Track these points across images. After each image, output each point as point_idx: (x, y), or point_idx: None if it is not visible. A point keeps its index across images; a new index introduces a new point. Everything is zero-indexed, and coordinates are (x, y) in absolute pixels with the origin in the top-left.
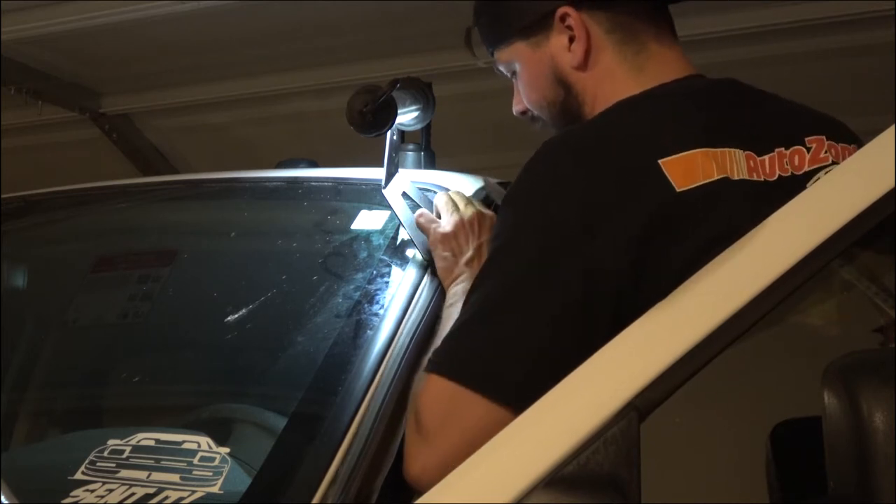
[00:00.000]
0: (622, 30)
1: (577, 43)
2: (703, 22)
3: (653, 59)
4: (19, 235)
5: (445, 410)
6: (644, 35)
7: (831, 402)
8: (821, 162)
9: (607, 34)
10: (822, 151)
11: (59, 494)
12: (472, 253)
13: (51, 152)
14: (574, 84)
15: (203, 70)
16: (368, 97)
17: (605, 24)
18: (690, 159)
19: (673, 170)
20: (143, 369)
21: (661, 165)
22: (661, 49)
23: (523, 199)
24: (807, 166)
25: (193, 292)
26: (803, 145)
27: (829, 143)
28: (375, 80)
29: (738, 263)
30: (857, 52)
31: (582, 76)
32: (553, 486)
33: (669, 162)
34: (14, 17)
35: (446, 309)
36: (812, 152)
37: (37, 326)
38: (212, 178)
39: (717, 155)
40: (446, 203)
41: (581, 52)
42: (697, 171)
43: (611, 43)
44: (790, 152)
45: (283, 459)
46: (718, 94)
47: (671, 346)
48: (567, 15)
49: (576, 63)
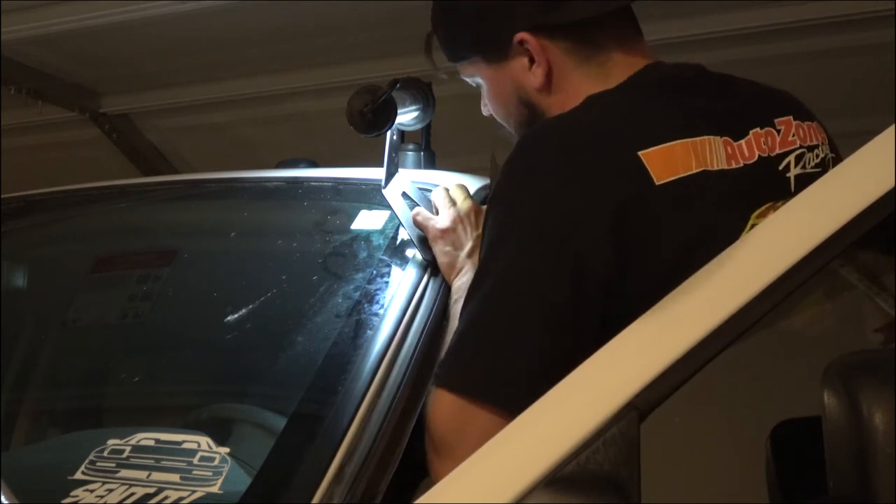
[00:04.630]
0: (584, 45)
1: (538, 67)
2: (703, 22)
3: (618, 65)
4: (19, 235)
5: (457, 425)
6: (607, 43)
7: (831, 402)
8: (789, 145)
9: (568, 53)
10: (790, 134)
11: (59, 494)
12: (473, 244)
13: (51, 152)
14: (538, 105)
15: (203, 70)
16: (368, 97)
17: (565, 43)
18: (670, 151)
19: (653, 162)
20: (143, 369)
21: (641, 158)
22: (626, 54)
23: (506, 198)
24: (778, 148)
25: (193, 292)
26: (773, 127)
27: (795, 122)
28: (375, 80)
29: (738, 263)
30: (857, 52)
31: (546, 99)
32: (553, 486)
33: (650, 154)
34: (14, 17)
35: (453, 306)
36: (782, 134)
37: (37, 326)
38: (212, 178)
39: (696, 145)
40: (443, 198)
41: (542, 75)
42: (677, 163)
43: (573, 61)
44: (764, 132)
45: (283, 459)
46: (688, 81)
47: (671, 346)
48: (525, 41)
49: (538, 85)
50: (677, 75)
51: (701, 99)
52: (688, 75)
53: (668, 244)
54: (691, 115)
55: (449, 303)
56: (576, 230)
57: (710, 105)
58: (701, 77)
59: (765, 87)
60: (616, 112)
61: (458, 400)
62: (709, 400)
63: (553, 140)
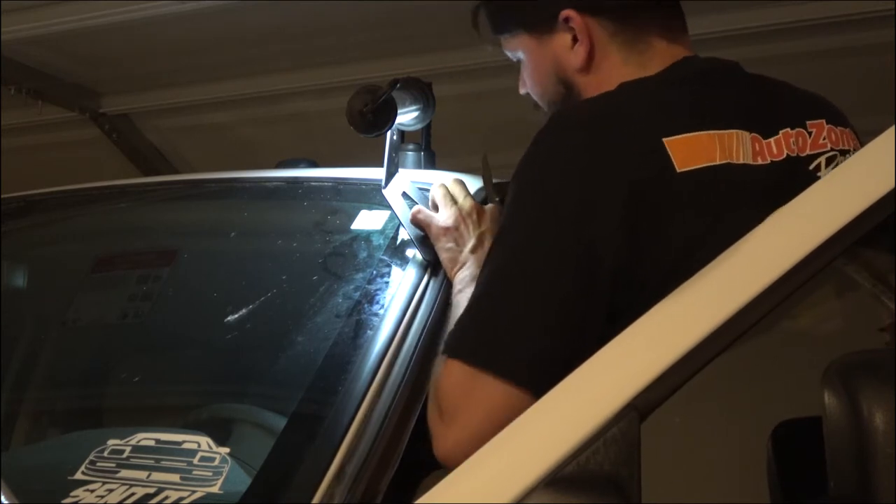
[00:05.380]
0: (627, 30)
1: (580, 46)
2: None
3: (658, 55)
4: (19, 235)
5: (464, 393)
6: (650, 32)
7: (831, 402)
8: (820, 147)
9: (612, 36)
10: (821, 136)
11: (59, 494)
12: (475, 242)
13: (51, 152)
14: (576, 85)
15: (203, 70)
16: (368, 97)
17: (610, 26)
18: (695, 141)
19: (676, 150)
20: (143, 369)
21: (665, 144)
22: (667, 43)
23: (529, 174)
24: (808, 150)
25: (193, 292)
26: (805, 128)
27: (828, 126)
28: (375, 80)
29: (739, 263)
30: (857, 52)
31: (584, 79)
32: (553, 486)
33: (674, 142)
34: (14, 17)
35: (455, 296)
36: (813, 136)
37: (37, 326)
38: (212, 178)
39: (723, 137)
40: (444, 196)
41: (584, 54)
42: (701, 153)
43: (615, 45)
44: (795, 133)
45: (283, 459)
46: (722, 76)
47: (671, 346)
48: (570, 18)
49: (578, 65)
50: (712, 69)
51: (733, 94)
52: (722, 70)
53: (681, 232)
54: (721, 108)
55: (451, 296)
56: (589, 214)
57: (742, 100)
58: (735, 73)
59: (799, 90)
60: (646, 100)
61: (466, 368)
62: (709, 400)
63: (581, 122)
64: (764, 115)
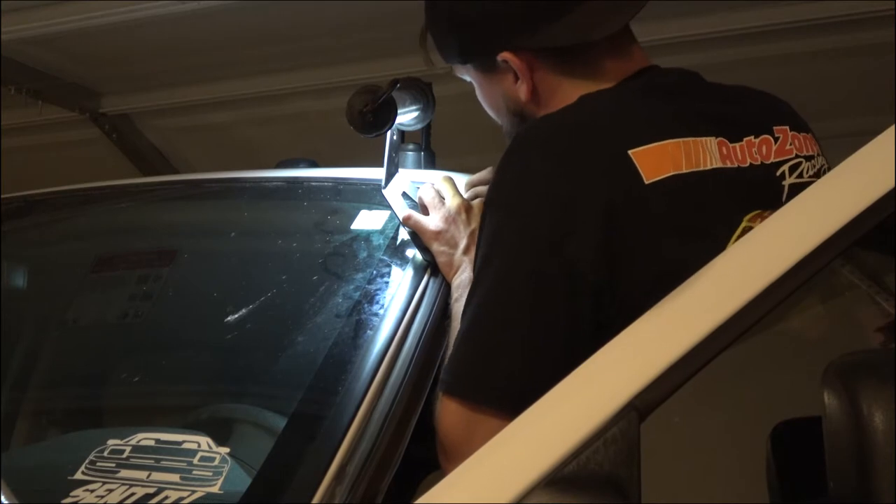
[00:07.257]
0: (571, 60)
1: (522, 83)
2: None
3: (611, 71)
4: (19, 235)
5: (463, 430)
6: (596, 55)
7: (831, 402)
8: (786, 154)
9: (554, 69)
10: (787, 143)
11: (59, 494)
12: (468, 240)
13: (51, 152)
14: (529, 115)
15: (203, 70)
16: (368, 97)
17: (552, 58)
18: (661, 150)
19: (643, 161)
20: (143, 369)
21: (631, 156)
22: (618, 61)
23: (500, 200)
24: (773, 157)
25: (193, 292)
26: (771, 134)
27: (792, 133)
28: (375, 80)
29: (738, 263)
30: (857, 52)
31: (536, 109)
32: (553, 486)
33: (640, 153)
34: (14, 17)
35: (453, 304)
36: (779, 143)
37: (37, 326)
38: (212, 178)
39: (689, 145)
40: (433, 198)
41: (527, 91)
42: (668, 162)
43: (563, 75)
44: (759, 141)
45: (283, 459)
46: (684, 84)
47: (671, 346)
48: (508, 60)
49: (526, 99)
50: (672, 79)
51: (696, 102)
52: (683, 79)
53: (657, 243)
54: (685, 115)
55: (450, 301)
56: (567, 235)
57: (706, 108)
58: (697, 82)
59: (760, 94)
60: (607, 111)
61: (463, 406)
62: (709, 400)
63: (546, 141)
64: (728, 122)
